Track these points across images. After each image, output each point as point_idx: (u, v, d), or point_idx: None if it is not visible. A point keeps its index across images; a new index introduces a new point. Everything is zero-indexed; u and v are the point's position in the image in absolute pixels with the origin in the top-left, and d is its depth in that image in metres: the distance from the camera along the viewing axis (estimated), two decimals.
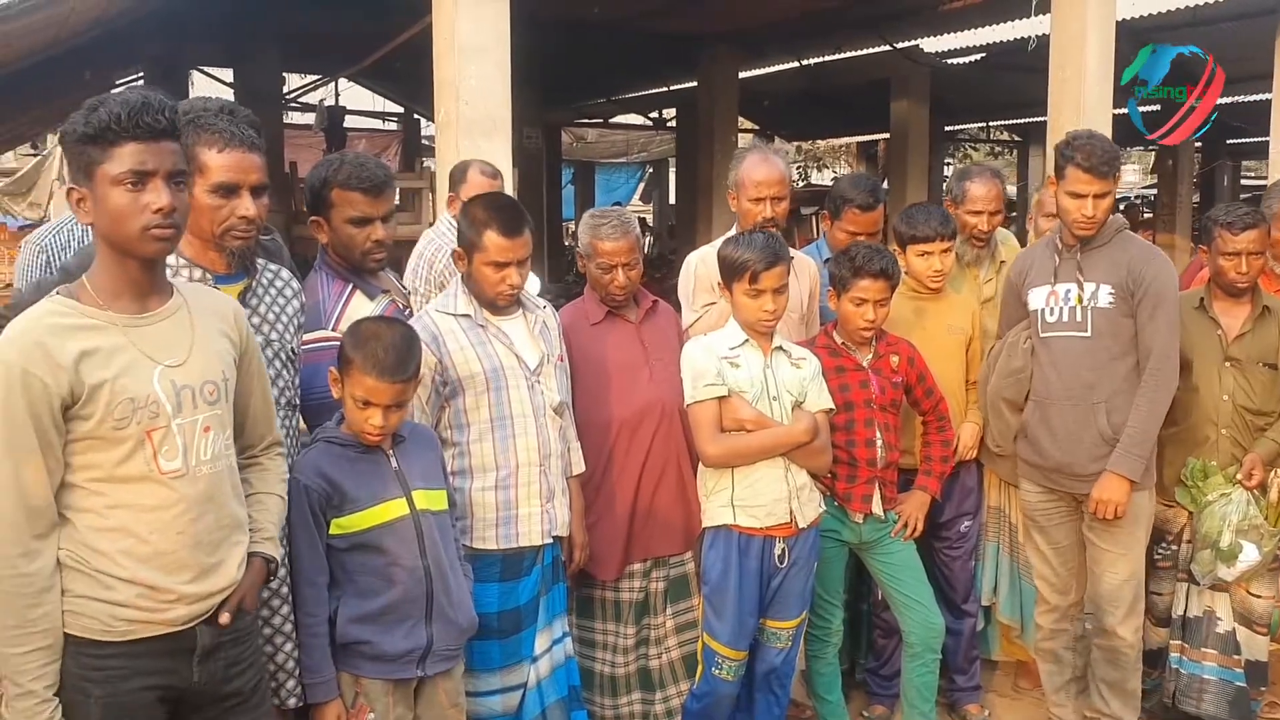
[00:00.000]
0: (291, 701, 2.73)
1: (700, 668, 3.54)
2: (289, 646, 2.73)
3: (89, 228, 2.20)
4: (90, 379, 2.10)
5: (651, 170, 23.94)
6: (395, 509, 2.81)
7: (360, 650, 2.79)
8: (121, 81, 12.98)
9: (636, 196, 25.32)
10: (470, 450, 3.18)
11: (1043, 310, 3.77)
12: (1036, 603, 4.03)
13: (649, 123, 18.63)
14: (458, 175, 4.64)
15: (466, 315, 3.22)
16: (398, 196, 4.79)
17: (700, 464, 3.51)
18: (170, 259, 2.55)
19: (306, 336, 2.96)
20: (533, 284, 3.64)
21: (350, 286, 3.15)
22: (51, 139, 16.43)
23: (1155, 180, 17.90)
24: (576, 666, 3.49)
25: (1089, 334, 3.68)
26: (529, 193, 14.22)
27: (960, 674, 4.22)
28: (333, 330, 3.02)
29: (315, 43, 10.74)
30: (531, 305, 3.37)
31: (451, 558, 2.92)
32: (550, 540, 3.29)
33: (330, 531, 2.77)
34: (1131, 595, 3.75)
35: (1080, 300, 3.69)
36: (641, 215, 23.19)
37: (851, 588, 4.14)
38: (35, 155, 17.79)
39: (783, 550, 3.44)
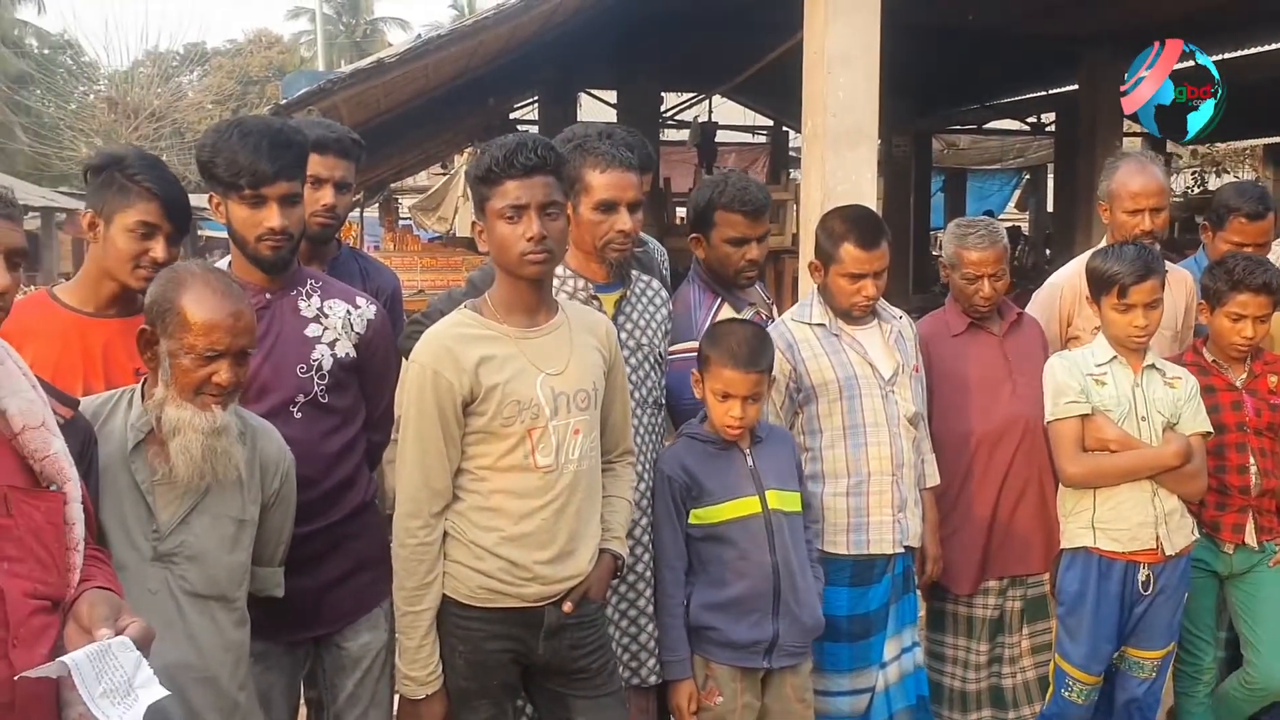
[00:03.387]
0: (652, 680, 2.94)
1: (1050, 688, 3.45)
2: (650, 627, 2.95)
3: None
4: (486, 381, 2.43)
5: (1028, 177, 22.92)
6: (748, 506, 2.95)
7: (710, 635, 2.95)
8: (519, 105, 14.15)
9: (1012, 204, 24.34)
10: (823, 456, 3.26)
11: None
12: None
13: (1026, 128, 17.87)
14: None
15: (821, 324, 3.30)
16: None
17: (1060, 483, 3.41)
18: (557, 269, 2.86)
19: (678, 346, 3.18)
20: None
21: (719, 300, 3.34)
22: (459, 159, 18.14)
23: None
24: (926, 677, 3.48)
25: None
26: (896, 201, 14.08)
27: None
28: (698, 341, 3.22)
29: (691, 62, 11.18)
30: (888, 315, 3.42)
31: (802, 559, 3.01)
32: (901, 550, 3.31)
33: (689, 521, 2.96)
34: None
35: None
36: (1016, 224, 22.26)
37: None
38: (444, 174, 19.70)
39: (1147, 577, 3.28)
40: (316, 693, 3.03)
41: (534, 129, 13.05)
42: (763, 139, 18.01)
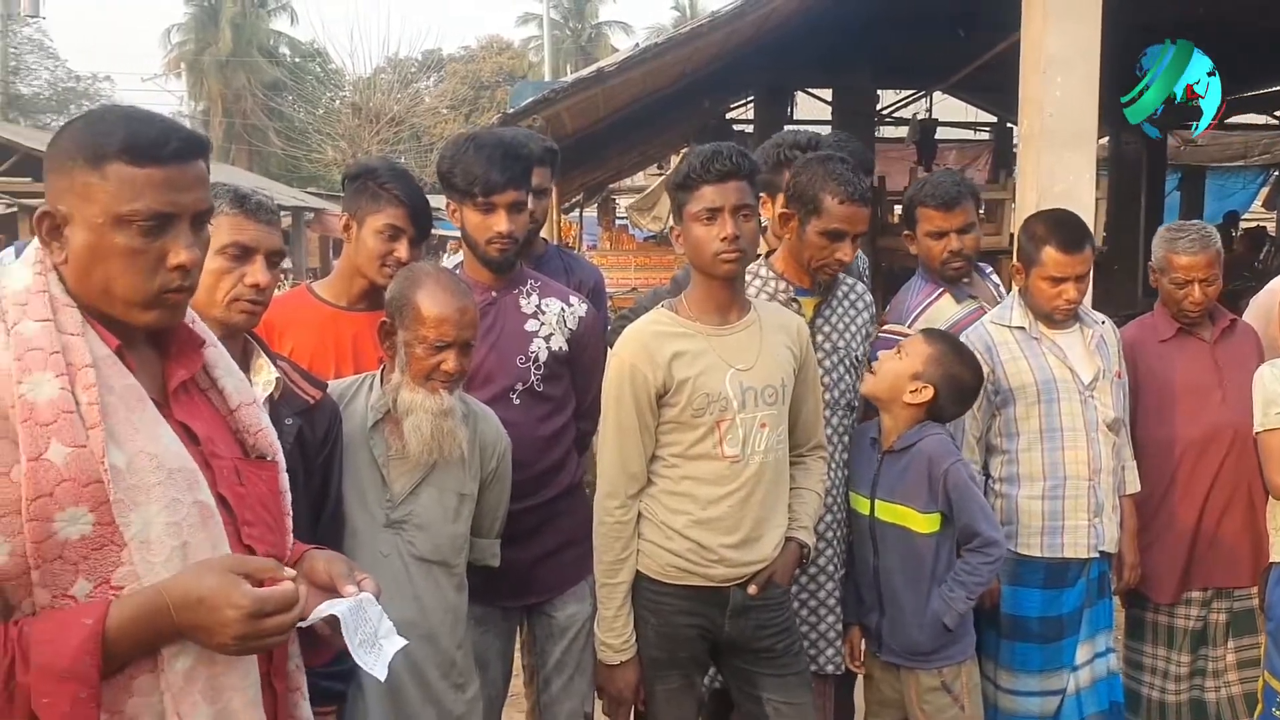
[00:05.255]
0: (829, 669, 3.06)
1: (1260, 706, 3.35)
2: (830, 619, 3.07)
3: None
4: (679, 375, 2.61)
5: (1278, 174, 21.42)
6: (859, 504, 3.08)
7: None
8: (734, 105, 14.30)
9: (1258, 202, 22.79)
10: (1019, 459, 3.28)
11: None
12: None
13: (1274, 121, 16.76)
14: None
15: (1021, 327, 3.31)
16: (980, 208, 4.91)
17: (1270, 495, 3.32)
18: (762, 270, 3.01)
19: (889, 326, 3.34)
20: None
21: (940, 290, 3.46)
22: (674, 160, 18.45)
23: None
24: (1120, 683, 3.45)
25: None
26: (1125, 201, 13.47)
27: None
28: (907, 326, 3.34)
29: (908, 60, 11.07)
30: (1090, 320, 3.40)
31: (913, 578, 2.99)
32: (1097, 555, 3.29)
33: None
34: None
35: None
36: (1262, 224, 20.85)
37: None
38: (660, 175, 20.09)
39: None
40: (531, 659, 3.28)
41: (749, 129, 13.18)
42: (985, 136, 17.57)
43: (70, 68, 39.45)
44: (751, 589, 2.69)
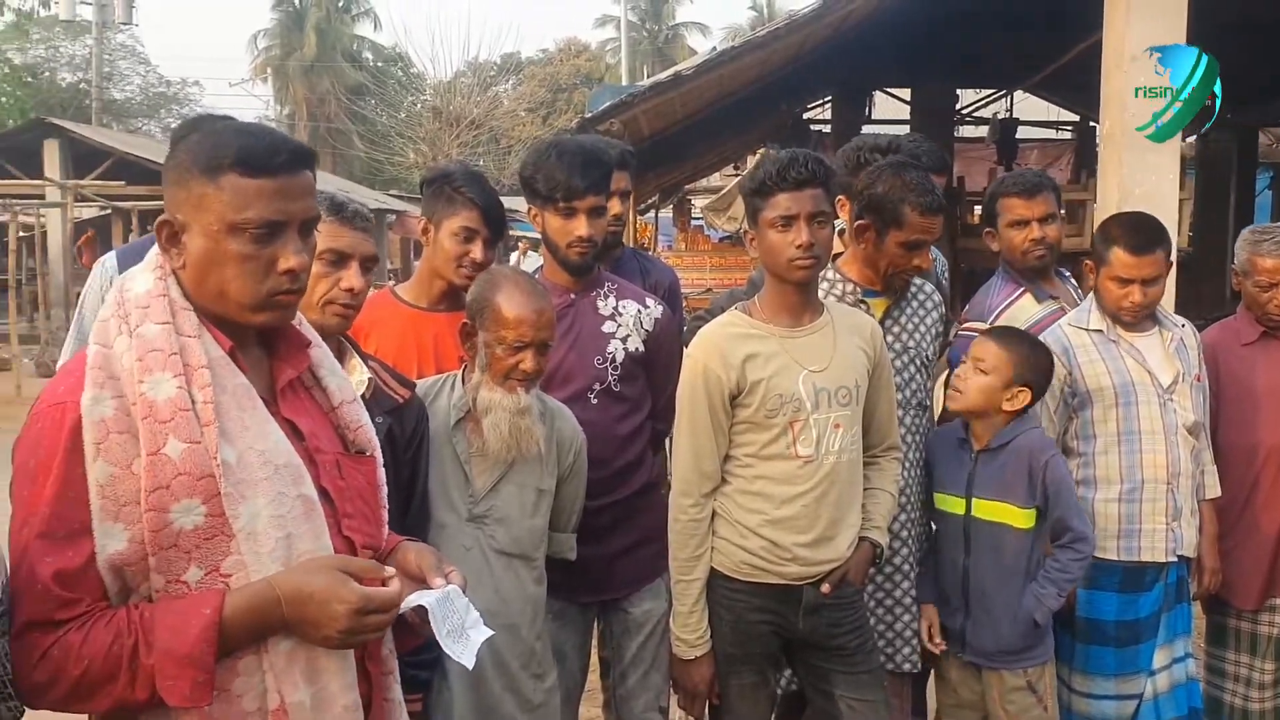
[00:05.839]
0: (906, 666, 3.08)
1: None
2: (906, 618, 3.09)
3: None
4: (752, 376, 2.67)
5: None
6: (953, 505, 3.10)
7: None
8: (811, 105, 14.28)
9: None
10: (1095, 462, 3.27)
11: None
12: None
13: None
14: None
15: (1099, 330, 3.30)
16: (1061, 206, 4.87)
17: None
18: (829, 273, 3.05)
19: (969, 324, 3.38)
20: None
21: (1021, 289, 3.48)
22: (751, 160, 18.43)
23: None
24: (1199, 690, 3.42)
25: None
26: (1212, 201, 13.20)
27: None
28: (987, 324, 3.36)
29: (987, 59, 10.96)
30: (1169, 323, 3.37)
31: (1005, 574, 3.02)
32: (1175, 559, 3.27)
33: None
34: None
35: None
36: None
37: None
38: (736, 175, 20.08)
39: None
40: (607, 654, 3.35)
41: (826, 129, 13.15)
42: (1067, 135, 17.27)
43: (161, 73, 40.40)
44: (825, 588, 2.73)
